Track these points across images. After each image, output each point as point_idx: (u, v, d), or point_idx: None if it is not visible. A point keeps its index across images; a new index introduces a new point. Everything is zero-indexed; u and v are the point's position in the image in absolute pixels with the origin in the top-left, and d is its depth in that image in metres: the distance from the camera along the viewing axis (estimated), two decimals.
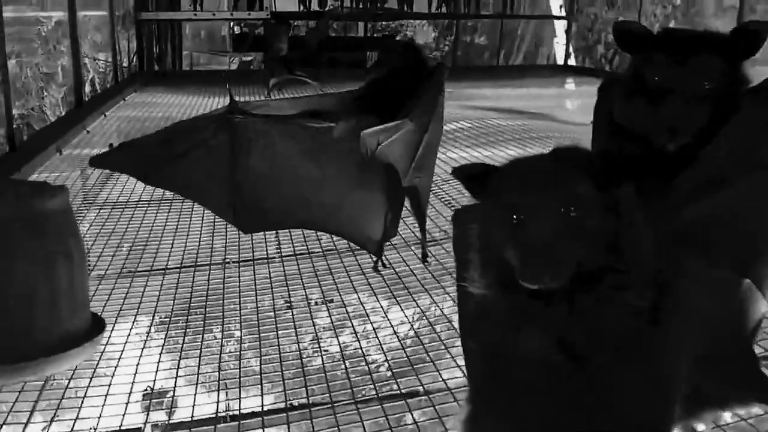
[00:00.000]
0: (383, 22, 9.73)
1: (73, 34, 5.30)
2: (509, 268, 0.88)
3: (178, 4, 8.31)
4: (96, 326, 1.94)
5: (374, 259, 2.58)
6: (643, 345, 0.91)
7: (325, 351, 2.12)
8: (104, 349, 2.04)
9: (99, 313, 2.23)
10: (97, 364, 1.98)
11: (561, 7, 9.31)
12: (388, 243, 2.56)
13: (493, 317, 0.96)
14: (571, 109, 6.58)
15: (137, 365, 1.99)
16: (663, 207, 0.98)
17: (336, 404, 1.79)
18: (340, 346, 2.12)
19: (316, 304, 2.44)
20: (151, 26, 8.00)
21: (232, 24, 9.21)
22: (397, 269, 2.62)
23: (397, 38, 9.96)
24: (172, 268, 2.71)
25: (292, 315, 2.33)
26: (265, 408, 1.81)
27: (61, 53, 5.82)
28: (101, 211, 3.31)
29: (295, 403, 1.84)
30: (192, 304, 2.40)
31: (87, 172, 3.78)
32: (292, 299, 2.45)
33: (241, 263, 2.76)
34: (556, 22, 9.39)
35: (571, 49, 9.21)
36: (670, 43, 1.10)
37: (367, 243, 2.44)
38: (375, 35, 9.41)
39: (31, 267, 1.73)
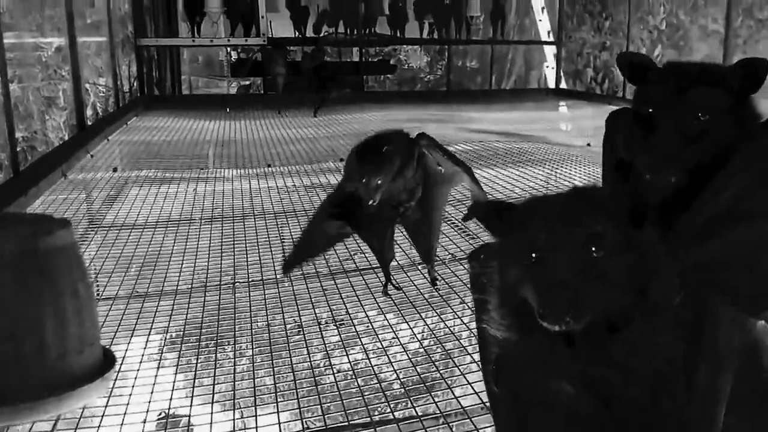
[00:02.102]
0: (377, 48, 9.93)
1: (74, 59, 5.36)
2: (529, 309, 0.84)
3: (177, 31, 8.44)
4: (107, 362, 1.86)
5: (383, 281, 2.62)
6: (676, 389, 0.87)
7: (336, 369, 2.14)
8: (119, 371, 2.05)
9: (113, 335, 2.26)
10: (113, 387, 1.97)
11: (549, 33, 9.51)
12: (396, 265, 2.60)
13: (516, 362, 0.92)
14: (565, 132, 6.70)
15: (153, 386, 2.00)
16: (674, 244, 0.94)
17: (354, 427, 1.80)
18: (351, 364, 2.15)
19: (327, 323, 2.47)
20: (150, 52, 8.09)
21: (229, 50, 9.33)
22: (405, 290, 2.66)
23: (391, 62, 10.15)
24: (182, 290, 2.73)
25: (303, 334, 2.36)
26: (283, 430, 1.82)
27: (61, 78, 5.87)
28: (108, 234, 3.33)
29: (313, 425, 1.85)
30: (203, 326, 2.42)
31: (92, 195, 3.81)
32: (302, 318, 2.48)
33: (250, 284, 2.79)
34: (545, 47, 9.59)
35: (561, 73, 9.40)
36: (669, 75, 1.07)
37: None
38: (369, 59, 9.59)
39: (39, 305, 1.67)
